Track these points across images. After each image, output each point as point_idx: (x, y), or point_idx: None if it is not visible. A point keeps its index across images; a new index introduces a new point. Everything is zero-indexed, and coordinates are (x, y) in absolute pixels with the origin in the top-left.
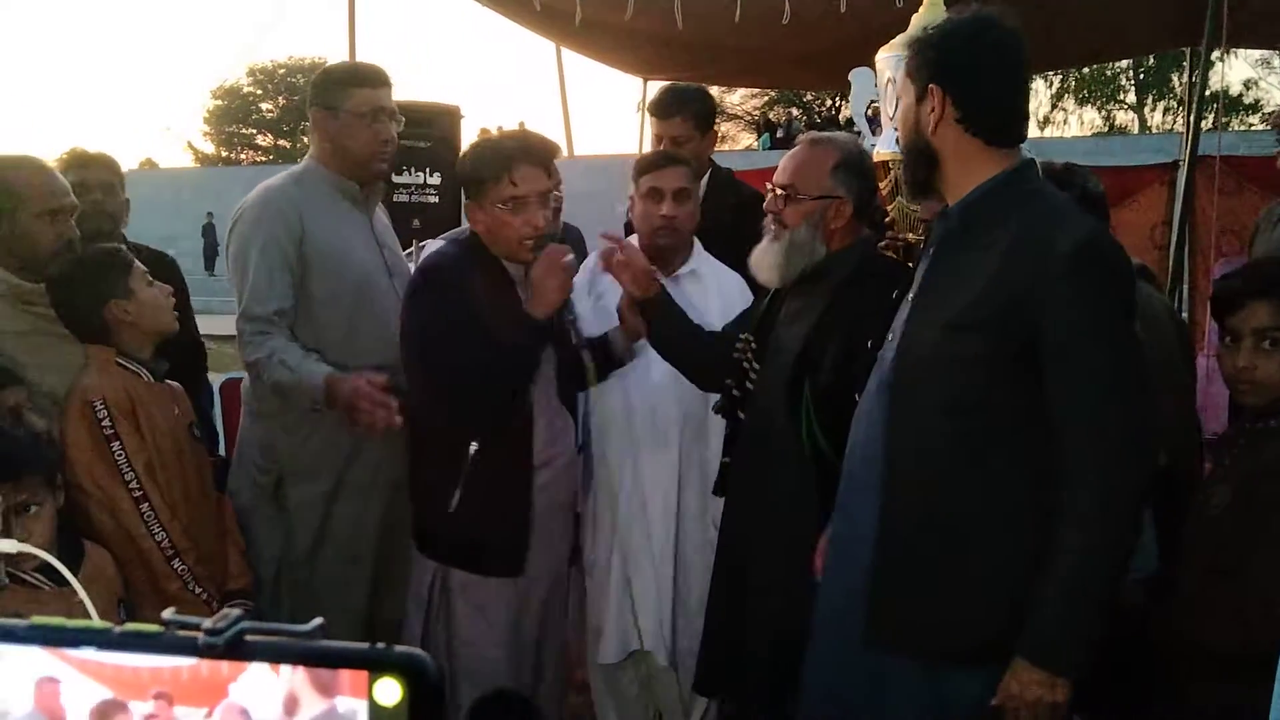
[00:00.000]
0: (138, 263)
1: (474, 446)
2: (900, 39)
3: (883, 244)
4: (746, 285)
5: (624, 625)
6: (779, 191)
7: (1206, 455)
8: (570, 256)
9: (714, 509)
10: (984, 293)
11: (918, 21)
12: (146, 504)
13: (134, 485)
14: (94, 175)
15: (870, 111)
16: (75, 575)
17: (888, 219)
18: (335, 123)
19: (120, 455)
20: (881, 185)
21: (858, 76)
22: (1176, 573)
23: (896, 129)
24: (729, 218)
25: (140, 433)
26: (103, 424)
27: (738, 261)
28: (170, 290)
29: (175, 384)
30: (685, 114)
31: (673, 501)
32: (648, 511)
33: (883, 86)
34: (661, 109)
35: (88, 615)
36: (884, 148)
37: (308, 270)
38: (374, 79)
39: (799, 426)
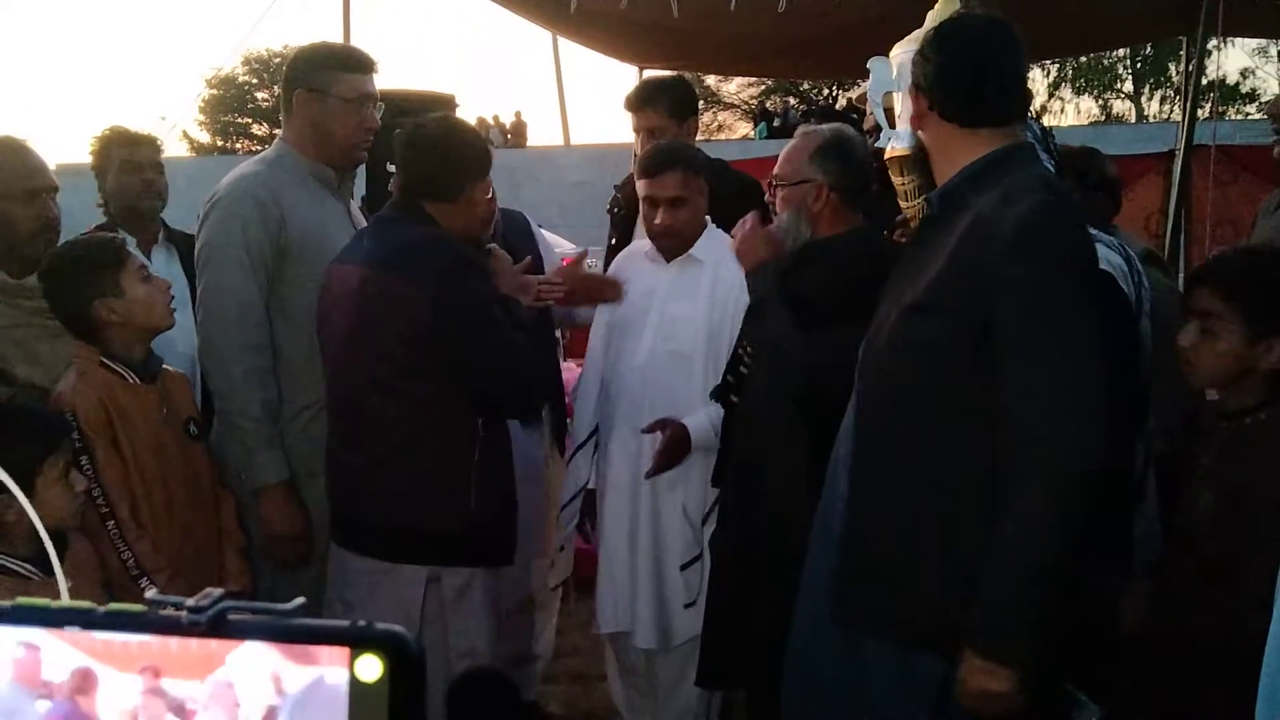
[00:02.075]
0: (136, 255)
1: (482, 434)
2: (917, 34)
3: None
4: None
5: (612, 602)
6: (773, 184)
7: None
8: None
9: (684, 493)
10: (939, 277)
11: (933, 18)
12: (113, 521)
13: (100, 502)
14: (145, 154)
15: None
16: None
17: (902, 216)
18: (322, 106)
19: (88, 471)
20: (899, 182)
21: (875, 65)
22: (1170, 570)
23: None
24: (730, 205)
25: (116, 446)
26: (72, 437)
27: None
28: (168, 285)
29: (176, 372)
30: (659, 105)
31: (641, 485)
32: (618, 494)
33: (899, 80)
34: (634, 102)
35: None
36: (899, 144)
37: (288, 258)
38: (364, 64)
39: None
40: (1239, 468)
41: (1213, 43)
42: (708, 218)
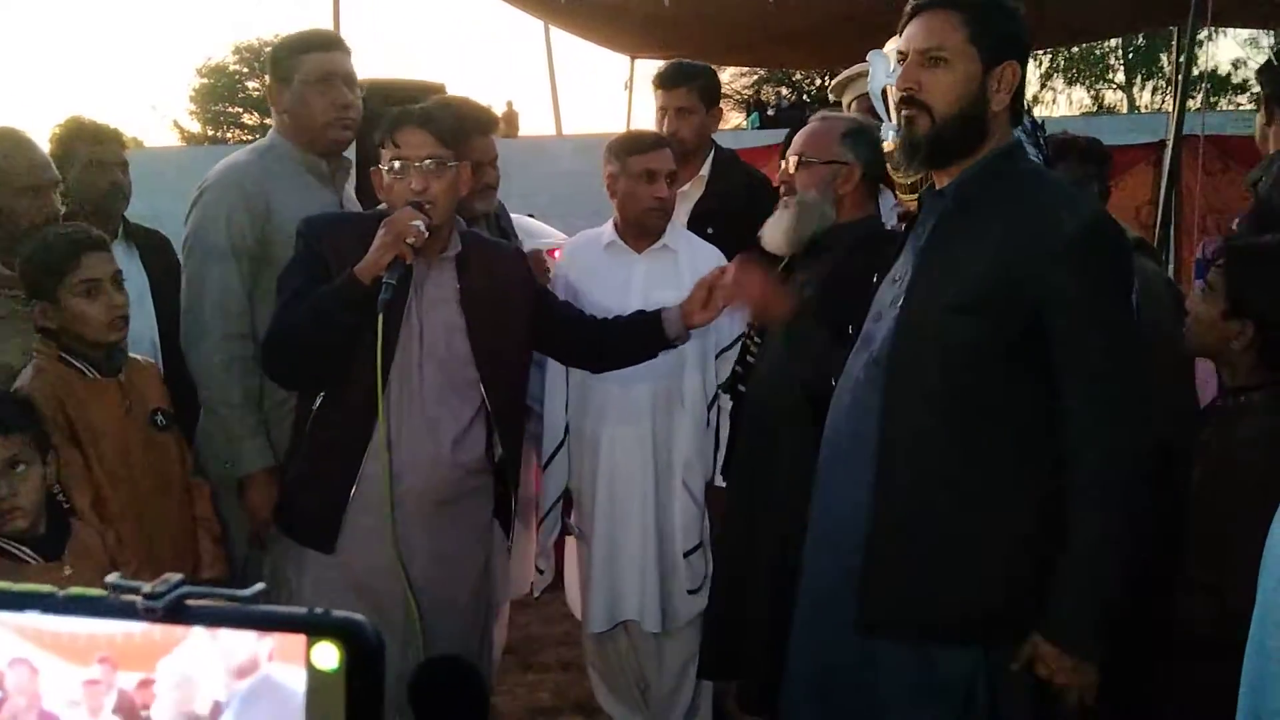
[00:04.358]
0: (89, 268)
1: (320, 399)
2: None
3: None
4: (725, 259)
5: (610, 595)
6: (790, 161)
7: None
8: (418, 221)
9: (687, 476)
10: (985, 275)
11: None
12: (74, 517)
13: (61, 499)
14: (111, 152)
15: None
16: (62, 552)
17: (904, 209)
18: (291, 93)
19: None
20: (898, 177)
21: (874, 59)
22: (1160, 552)
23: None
24: (743, 197)
25: (75, 440)
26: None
27: (748, 241)
28: (119, 303)
29: (146, 362)
30: (692, 85)
31: (650, 472)
32: (627, 483)
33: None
34: (668, 80)
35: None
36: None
37: (273, 247)
38: (324, 43)
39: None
40: (1225, 443)
41: (1203, 34)
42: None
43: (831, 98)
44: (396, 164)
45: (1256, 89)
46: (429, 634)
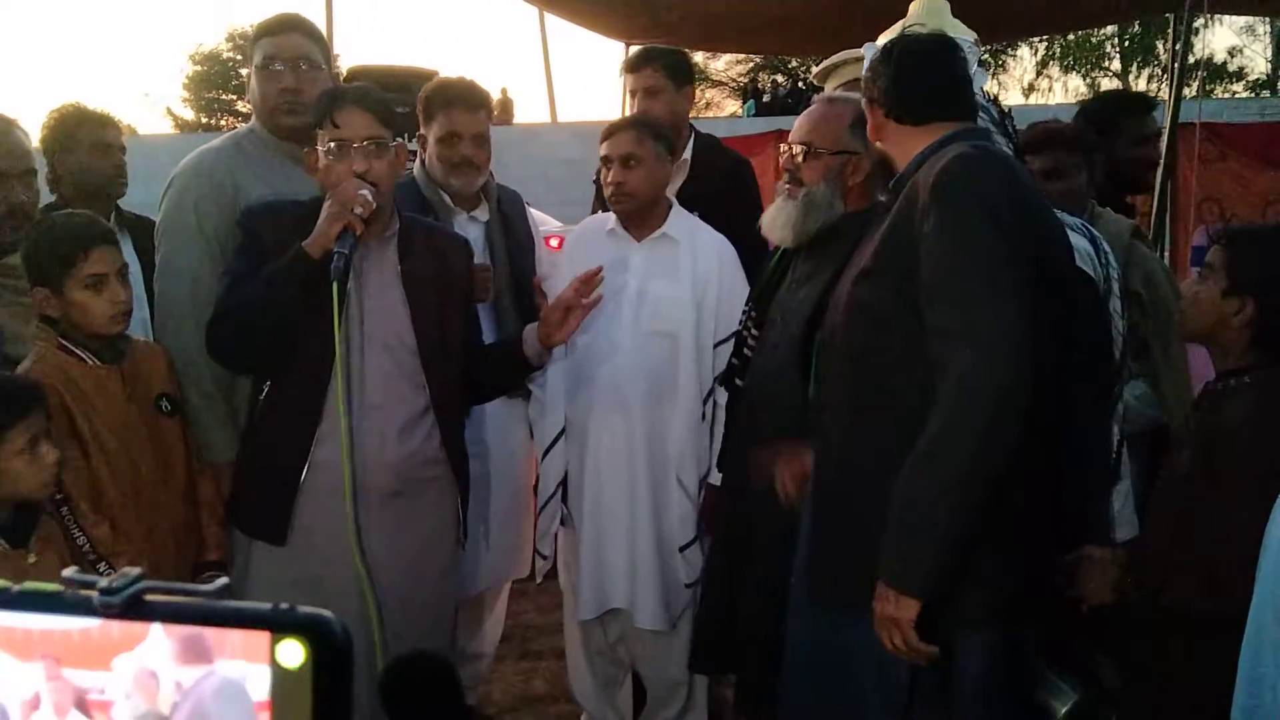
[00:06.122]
0: (96, 262)
1: (266, 387)
2: (899, 25)
3: None
4: (733, 249)
5: (597, 583)
6: (796, 149)
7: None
8: (365, 190)
9: (681, 471)
10: (880, 243)
11: (914, 10)
12: (66, 508)
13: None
14: (114, 135)
15: None
16: (28, 542)
17: None
18: (252, 81)
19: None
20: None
21: (869, 51)
22: (1149, 533)
23: None
24: (720, 183)
25: (73, 428)
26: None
27: (732, 226)
28: (123, 298)
29: (153, 346)
30: (656, 64)
31: (641, 465)
32: (614, 475)
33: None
34: (632, 62)
35: (39, 580)
36: None
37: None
38: (272, 27)
39: (808, 385)
40: (1213, 426)
41: (1199, 21)
42: (674, 198)
43: (815, 84)
44: (335, 145)
45: (1252, 77)
46: (387, 629)
